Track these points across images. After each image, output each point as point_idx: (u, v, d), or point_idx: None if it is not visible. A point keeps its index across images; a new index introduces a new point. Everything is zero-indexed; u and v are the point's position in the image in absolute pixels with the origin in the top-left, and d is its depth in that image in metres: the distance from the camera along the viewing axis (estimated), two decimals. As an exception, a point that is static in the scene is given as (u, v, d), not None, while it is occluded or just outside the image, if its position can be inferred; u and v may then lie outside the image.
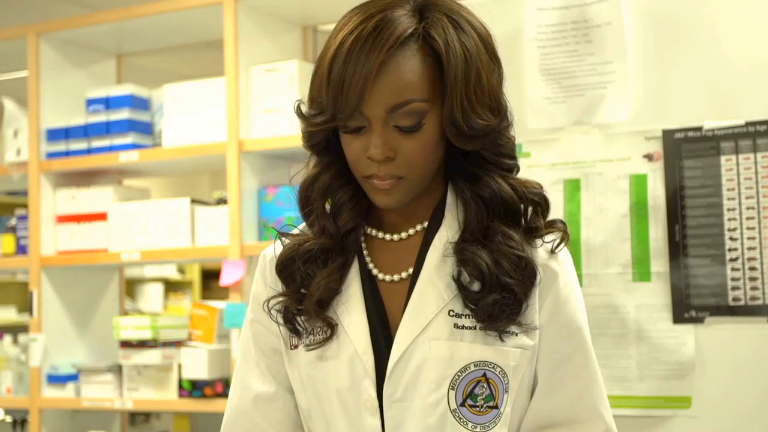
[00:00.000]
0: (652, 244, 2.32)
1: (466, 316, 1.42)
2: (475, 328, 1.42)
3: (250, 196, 3.21)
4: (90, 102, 3.53)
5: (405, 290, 1.45)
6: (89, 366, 3.46)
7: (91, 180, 3.64)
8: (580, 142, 2.38)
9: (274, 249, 1.56)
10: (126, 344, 3.34)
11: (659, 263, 2.31)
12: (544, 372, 1.47)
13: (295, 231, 1.54)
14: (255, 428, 1.54)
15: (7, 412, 4.02)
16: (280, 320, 1.49)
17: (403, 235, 1.49)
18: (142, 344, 3.31)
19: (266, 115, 3.21)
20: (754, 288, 2.23)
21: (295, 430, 1.54)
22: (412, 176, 1.41)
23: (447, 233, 1.46)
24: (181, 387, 3.26)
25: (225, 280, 3.15)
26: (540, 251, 1.46)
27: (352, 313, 1.46)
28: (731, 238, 2.26)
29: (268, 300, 1.51)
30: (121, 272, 3.89)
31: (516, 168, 1.49)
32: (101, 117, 3.49)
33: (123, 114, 3.45)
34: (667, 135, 2.31)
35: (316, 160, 1.51)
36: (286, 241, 1.52)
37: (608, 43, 2.35)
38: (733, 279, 2.25)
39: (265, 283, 1.55)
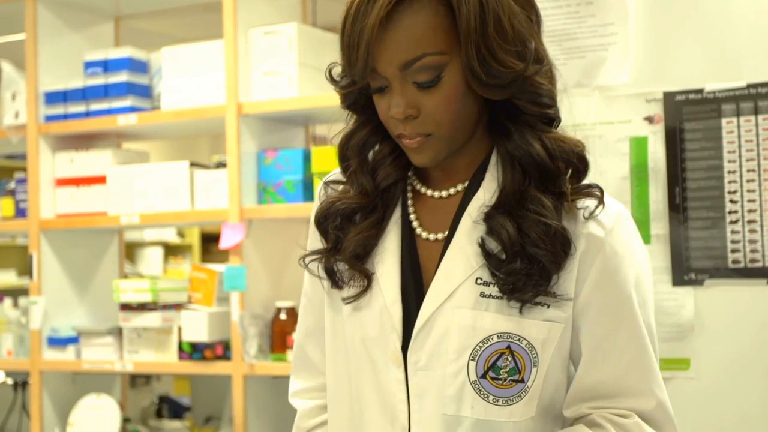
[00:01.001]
0: (652, 206, 2.31)
1: (493, 284, 1.38)
2: (502, 298, 1.38)
3: (249, 159, 3.21)
4: (88, 65, 3.51)
5: (439, 251, 1.43)
6: (89, 329, 3.47)
7: (89, 143, 3.63)
8: (580, 105, 2.37)
9: (318, 200, 1.55)
10: (126, 307, 3.35)
11: (659, 226, 2.31)
12: (589, 344, 1.42)
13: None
14: (305, 359, 1.63)
15: (8, 374, 4.04)
16: (322, 274, 1.49)
17: (444, 193, 1.47)
18: (142, 307, 3.32)
19: (265, 78, 3.19)
20: (753, 250, 2.24)
21: None
22: (440, 132, 1.38)
23: (484, 196, 1.42)
24: (181, 349, 3.27)
25: (224, 243, 3.15)
26: (585, 219, 1.39)
27: (386, 264, 1.45)
28: (731, 201, 2.26)
29: (304, 257, 1.52)
30: (120, 235, 3.89)
31: (557, 119, 1.43)
32: (99, 80, 3.47)
33: (121, 77, 3.43)
34: (668, 97, 2.31)
35: (355, 118, 1.49)
36: (330, 191, 1.52)
37: (609, 5, 2.34)
38: (732, 241, 2.25)
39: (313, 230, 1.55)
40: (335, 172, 1.55)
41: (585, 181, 1.43)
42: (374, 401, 1.44)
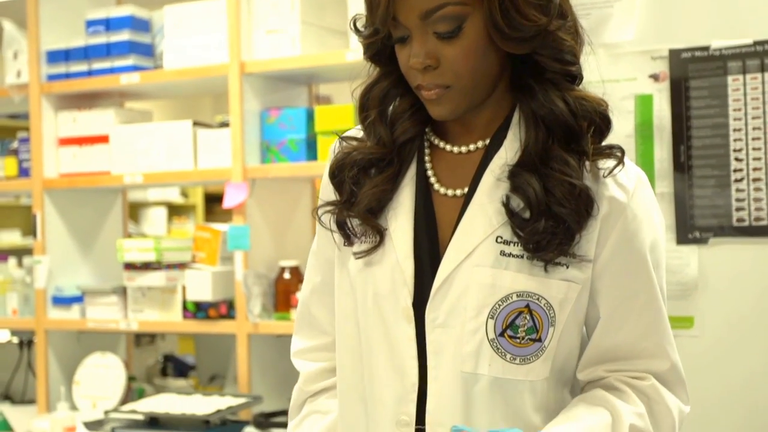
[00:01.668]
0: (657, 164, 2.31)
1: (514, 243, 1.38)
2: (522, 257, 1.37)
3: (252, 119, 3.20)
4: (90, 23, 3.49)
5: (458, 208, 1.43)
6: (94, 288, 3.48)
7: (92, 102, 3.62)
8: (585, 63, 2.36)
9: (333, 153, 1.54)
10: (130, 266, 3.35)
11: (664, 184, 2.30)
12: (607, 307, 1.42)
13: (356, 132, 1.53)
14: (309, 317, 1.63)
15: (14, 333, 4.06)
16: (333, 226, 1.49)
17: (463, 149, 1.46)
18: (146, 266, 3.32)
19: (268, 37, 3.17)
20: (758, 209, 2.23)
21: None
22: (459, 85, 1.37)
23: (506, 154, 1.41)
24: (185, 308, 3.28)
25: (228, 202, 3.15)
26: (608, 182, 1.38)
27: (399, 219, 1.44)
28: (737, 159, 2.25)
29: (316, 209, 1.52)
30: (124, 195, 3.89)
31: (579, 76, 1.41)
32: (101, 39, 3.45)
33: (123, 36, 3.41)
34: (674, 55, 2.29)
35: (377, 70, 1.49)
36: (346, 145, 1.50)
37: (615, -39, 2.32)
38: (737, 200, 2.25)
39: (326, 186, 1.54)
40: (352, 130, 1.54)
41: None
42: (384, 358, 1.44)
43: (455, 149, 1.46)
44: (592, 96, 1.41)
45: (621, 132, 2.32)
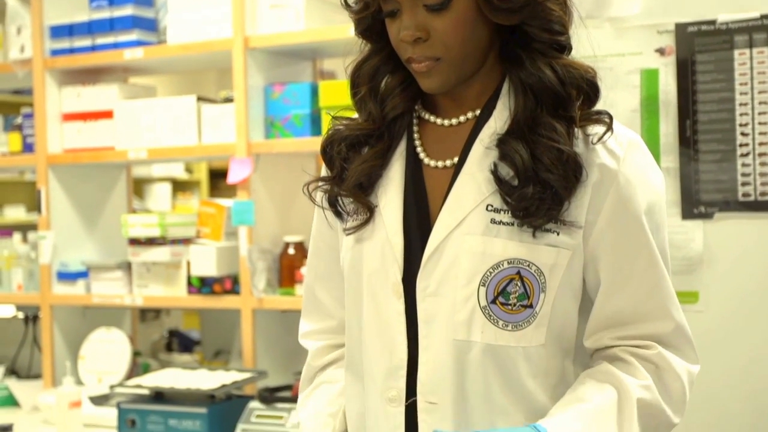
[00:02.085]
0: (663, 139, 2.30)
1: (504, 211, 1.39)
2: (512, 224, 1.38)
3: (256, 94, 3.19)
4: (93, -2, 3.48)
5: (449, 179, 1.44)
6: (99, 263, 3.49)
7: (96, 78, 3.61)
8: (590, 37, 2.34)
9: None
10: (135, 242, 3.36)
11: (669, 159, 2.29)
12: (607, 273, 1.42)
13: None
14: (315, 301, 1.65)
15: (19, 308, 4.06)
16: (325, 204, 1.51)
17: (454, 121, 1.47)
18: (150, 242, 3.32)
19: (272, 11, 3.16)
20: (764, 183, 2.22)
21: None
22: (449, 56, 1.38)
23: (496, 124, 1.43)
24: (190, 284, 3.28)
25: (232, 177, 3.15)
26: (598, 148, 1.39)
27: (389, 194, 1.46)
28: (743, 134, 2.24)
29: (308, 184, 1.53)
30: (128, 170, 3.88)
31: (568, 47, 1.43)
32: (105, 13, 3.44)
33: (127, 10, 3.40)
34: (680, 29, 2.28)
35: (368, 46, 1.51)
36: (337, 122, 1.53)
37: (621, -66, 2.30)
38: (743, 174, 2.24)
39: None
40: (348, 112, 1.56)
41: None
42: (374, 334, 1.46)
43: (445, 122, 1.48)
44: (579, 63, 1.42)
45: (626, 106, 2.32)
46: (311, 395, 1.63)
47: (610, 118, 1.41)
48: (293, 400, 2.82)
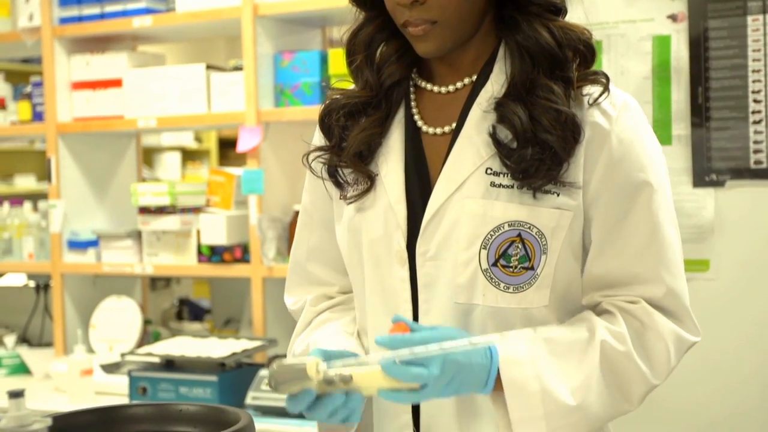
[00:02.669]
0: (674, 106, 2.29)
1: (504, 174, 1.39)
2: (512, 187, 1.38)
3: (265, 62, 3.18)
4: (102, -35, 3.46)
5: (447, 145, 1.44)
6: (109, 232, 3.49)
7: (105, 46, 3.60)
8: (602, 3, 2.32)
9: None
10: (145, 210, 3.36)
11: (680, 126, 2.28)
12: (598, 233, 1.42)
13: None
14: (307, 276, 1.63)
15: (30, 277, 4.08)
16: (325, 174, 1.50)
17: (451, 87, 1.47)
18: (160, 210, 3.33)
19: (281, -22, 3.14)
20: (776, 151, 2.21)
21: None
22: (445, 19, 1.38)
23: (493, 88, 1.43)
24: (200, 252, 3.29)
25: (242, 146, 3.14)
26: (591, 108, 1.39)
27: (390, 163, 1.46)
28: (755, 101, 2.22)
29: (307, 154, 1.53)
30: (138, 139, 3.88)
31: (563, 9, 1.43)
32: (113, -19, 3.43)
33: (135, -23, 3.39)
34: (693, -6, 2.26)
35: (363, 15, 1.50)
36: (333, 95, 1.52)
37: None
38: (755, 142, 2.23)
39: (318, 139, 1.56)
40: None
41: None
42: (379, 302, 1.46)
43: (442, 89, 1.48)
44: (575, 25, 1.42)
45: (638, 74, 2.30)
46: (319, 328, 1.58)
47: (607, 78, 1.41)
48: (303, 368, 2.83)
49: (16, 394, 0.97)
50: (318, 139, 1.56)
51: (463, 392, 1.32)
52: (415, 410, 1.44)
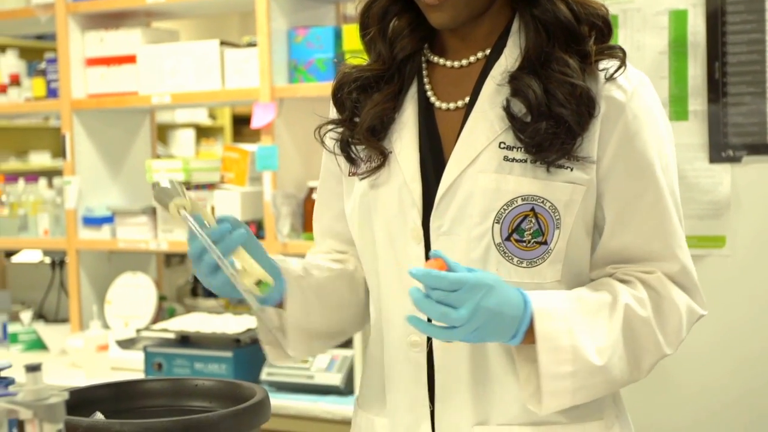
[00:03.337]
0: (691, 82, 2.27)
1: (517, 148, 1.39)
2: (525, 161, 1.38)
3: (279, 38, 3.17)
4: (115, -59, 3.45)
5: (460, 119, 1.43)
6: (124, 208, 3.50)
7: (119, 22, 3.59)
8: (618, -23, 2.31)
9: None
10: (159, 187, 3.36)
11: (697, 102, 2.27)
12: (612, 210, 1.42)
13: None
14: (327, 249, 1.63)
15: (46, 253, 4.10)
16: (337, 149, 1.50)
17: (464, 62, 1.47)
18: (175, 187, 3.33)
19: (295, -47, 3.13)
20: (793, 126, 2.20)
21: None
22: None
23: (507, 62, 1.42)
24: (215, 229, 3.29)
25: (256, 122, 3.14)
26: (607, 83, 1.39)
27: (404, 140, 1.46)
28: (773, 76, 2.21)
29: (319, 128, 1.52)
30: (152, 116, 3.88)
31: None
32: (127, -43, 3.42)
33: (149, -47, 3.38)
34: (710, -32, 2.24)
35: None
36: (345, 69, 1.53)
37: None
38: (773, 117, 2.21)
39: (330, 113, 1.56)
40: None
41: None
42: (393, 279, 1.46)
43: (455, 63, 1.48)
44: (593, 1, 1.42)
45: (654, 48, 2.28)
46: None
47: (624, 53, 1.41)
48: (318, 343, 2.84)
49: (33, 368, 0.98)
50: (333, 115, 1.56)
51: (490, 340, 1.32)
52: (430, 382, 1.45)
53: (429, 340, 1.43)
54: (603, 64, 1.40)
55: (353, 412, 1.61)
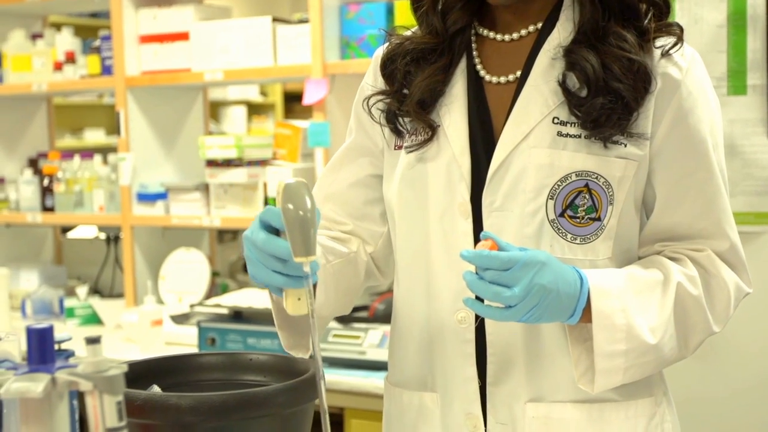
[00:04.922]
0: (750, 55, 2.23)
1: (571, 124, 1.38)
2: (580, 136, 1.37)
3: (331, 14, 3.16)
4: None
5: (511, 94, 1.42)
6: (177, 185, 3.53)
7: (171, -1, 3.62)
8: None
9: (383, 48, 1.55)
10: (212, 163, 3.38)
11: (756, 76, 2.23)
12: (663, 186, 1.41)
13: (409, 33, 1.52)
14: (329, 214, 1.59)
15: (101, 229, 4.15)
16: (383, 121, 1.49)
17: (515, 35, 1.46)
18: (227, 163, 3.35)
19: (347, -71, 3.12)
20: None
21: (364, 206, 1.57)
22: None
23: (560, 35, 1.41)
24: (266, 205, 3.30)
25: (308, 98, 3.14)
26: (663, 59, 1.38)
27: (453, 114, 1.44)
28: (834, 49, 2.16)
29: (368, 98, 1.51)
30: (204, 93, 3.90)
31: None
32: (180, -66, 3.44)
33: (201, -70, 3.39)
34: (770, -60, 2.19)
35: None
36: (396, 38, 1.51)
37: None
38: (834, 91, 2.17)
39: (373, 84, 1.55)
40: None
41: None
42: (441, 254, 1.45)
43: (505, 37, 1.46)
44: None
45: (712, 22, 2.25)
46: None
47: (681, 30, 1.40)
48: (370, 320, 2.84)
49: (93, 340, 0.99)
50: (372, 80, 1.55)
51: (546, 320, 1.31)
52: (478, 358, 1.44)
53: (477, 315, 1.42)
54: (660, 41, 1.39)
55: (386, 392, 1.59)
